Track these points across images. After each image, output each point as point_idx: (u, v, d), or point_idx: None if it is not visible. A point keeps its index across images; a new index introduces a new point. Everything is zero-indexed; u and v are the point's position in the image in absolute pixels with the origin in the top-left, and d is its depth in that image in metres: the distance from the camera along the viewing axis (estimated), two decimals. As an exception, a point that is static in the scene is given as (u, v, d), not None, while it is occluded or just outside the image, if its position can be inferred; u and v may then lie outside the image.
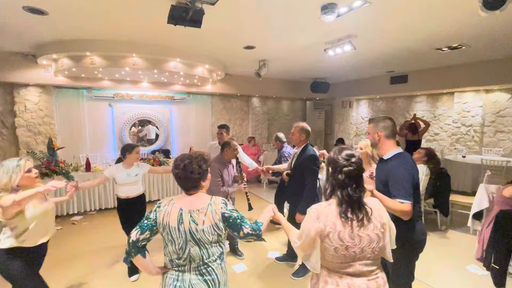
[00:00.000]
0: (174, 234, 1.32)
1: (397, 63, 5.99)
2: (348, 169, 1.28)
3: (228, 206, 1.41)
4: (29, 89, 5.45)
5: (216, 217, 1.35)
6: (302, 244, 1.31)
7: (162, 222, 1.34)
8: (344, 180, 1.28)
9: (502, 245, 2.52)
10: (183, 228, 1.31)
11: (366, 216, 1.26)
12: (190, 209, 1.35)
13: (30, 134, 5.51)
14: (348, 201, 1.26)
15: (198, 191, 1.44)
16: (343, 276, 1.27)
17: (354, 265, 1.26)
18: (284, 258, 3.27)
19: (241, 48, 4.72)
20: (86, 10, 3.19)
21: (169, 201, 1.40)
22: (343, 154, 1.32)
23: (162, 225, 1.34)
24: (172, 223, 1.32)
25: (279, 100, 9.32)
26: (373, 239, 1.25)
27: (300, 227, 1.38)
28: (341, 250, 1.23)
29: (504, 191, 2.63)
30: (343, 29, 3.81)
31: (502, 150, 6.19)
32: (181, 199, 1.41)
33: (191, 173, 1.39)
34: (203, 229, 1.32)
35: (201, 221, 1.33)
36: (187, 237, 1.31)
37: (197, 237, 1.32)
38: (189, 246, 1.32)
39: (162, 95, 6.92)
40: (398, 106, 8.26)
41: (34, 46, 4.58)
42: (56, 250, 3.45)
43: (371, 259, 1.27)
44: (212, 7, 2.95)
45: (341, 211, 1.26)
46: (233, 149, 3.09)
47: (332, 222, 1.25)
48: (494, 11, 2.45)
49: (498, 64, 5.43)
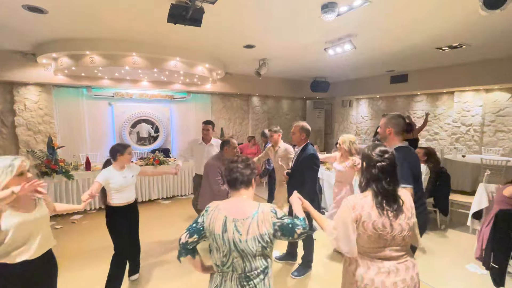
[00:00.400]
0: (219, 242, 1.29)
1: (397, 63, 5.99)
2: (381, 164, 1.39)
3: (278, 214, 1.33)
4: (28, 88, 5.44)
5: (263, 228, 1.27)
6: (337, 234, 1.39)
7: (208, 227, 1.33)
8: (378, 174, 1.38)
9: (501, 244, 2.52)
10: (227, 237, 1.27)
11: (399, 207, 1.37)
12: (234, 217, 1.30)
13: (29, 133, 5.51)
14: (382, 193, 1.36)
15: (249, 188, 1.42)
16: (373, 260, 1.39)
17: (385, 250, 1.37)
18: (284, 257, 3.27)
19: (241, 47, 4.72)
20: (85, 9, 3.18)
21: (215, 206, 1.38)
22: (376, 151, 1.43)
23: (209, 231, 1.33)
24: (216, 231, 1.29)
25: (279, 99, 9.31)
26: (404, 228, 1.36)
27: None
28: (374, 238, 1.35)
29: (504, 190, 2.63)
30: (343, 28, 3.81)
31: (502, 149, 6.19)
32: (227, 204, 1.37)
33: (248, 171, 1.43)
34: (247, 240, 1.25)
35: (245, 231, 1.26)
36: (231, 247, 1.27)
37: (241, 247, 1.26)
38: (232, 256, 1.28)
39: (162, 94, 6.92)
40: (398, 105, 8.26)
41: (34, 45, 4.57)
42: (55, 250, 3.45)
43: (401, 245, 1.38)
44: (212, 6, 2.94)
45: (377, 202, 1.36)
46: (232, 147, 3.09)
47: (368, 212, 1.35)
48: (494, 11, 2.45)
49: (498, 63, 5.43)
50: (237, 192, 1.41)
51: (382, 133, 2.24)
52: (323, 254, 3.40)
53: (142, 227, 2.96)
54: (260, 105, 8.64)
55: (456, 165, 5.80)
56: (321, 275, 2.97)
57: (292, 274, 2.96)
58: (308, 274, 2.98)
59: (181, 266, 2.39)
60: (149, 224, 4.22)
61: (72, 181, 4.65)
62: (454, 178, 5.44)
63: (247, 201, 1.37)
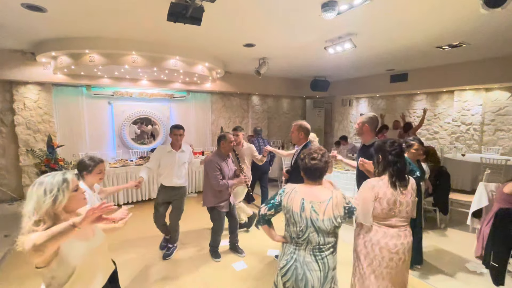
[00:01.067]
0: (297, 218, 1.54)
1: (397, 61, 5.98)
2: (396, 151, 1.83)
3: (346, 199, 1.62)
4: (28, 87, 5.43)
5: (336, 211, 1.54)
6: (358, 208, 1.78)
7: (286, 205, 1.58)
8: (394, 159, 1.82)
9: (501, 243, 2.53)
10: (304, 215, 1.52)
11: (407, 183, 1.82)
12: (312, 200, 1.54)
13: (29, 132, 5.50)
14: (397, 173, 1.80)
15: (322, 178, 1.65)
16: (381, 226, 1.84)
17: (391, 220, 1.82)
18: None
19: (241, 46, 4.71)
20: (85, 8, 3.17)
21: (292, 189, 1.61)
22: (388, 143, 1.88)
23: (286, 208, 1.58)
24: (295, 209, 1.54)
25: (279, 98, 9.30)
26: (409, 203, 1.82)
27: None
28: (386, 210, 1.80)
29: (504, 187, 2.64)
30: (343, 27, 3.80)
31: (502, 148, 6.20)
32: (304, 188, 1.60)
33: (326, 163, 1.61)
34: (323, 220, 1.51)
35: (321, 212, 1.52)
36: (308, 224, 1.52)
37: (317, 225, 1.51)
38: (309, 231, 1.52)
39: (162, 93, 6.90)
40: (398, 104, 8.26)
41: (33, 44, 4.56)
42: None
43: (404, 217, 1.83)
44: (211, 5, 2.94)
45: (392, 181, 1.80)
46: (229, 142, 3.10)
47: (384, 191, 1.79)
48: (495, 9, 2.44)
49: (499, 62, 5.42)
50: (313, 182, 1.63)
51: (359, 129, 2.62)
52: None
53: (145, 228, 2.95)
54: (260, 104, 8.63)
55: (456, 164, 5.80)
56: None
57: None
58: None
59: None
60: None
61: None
62: (454, 177, 5.44)
63: (321, 188, 1.62)
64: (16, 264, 3.14)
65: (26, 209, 1.17)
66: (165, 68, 4.89)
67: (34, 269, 1.20)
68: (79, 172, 2.09)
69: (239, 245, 3.44)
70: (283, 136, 9.08)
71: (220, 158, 3.08)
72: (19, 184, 5.60)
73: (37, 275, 1.27)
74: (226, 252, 3.42)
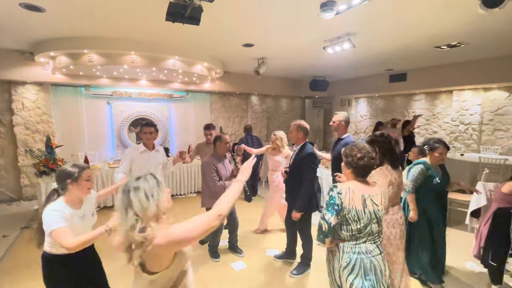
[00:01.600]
0: (361, 215, 1.62)
1: (396, 61, 5.99)
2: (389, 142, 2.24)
3: None
4: (26, 87, 5.42)
5: (384, 200, 1.74)
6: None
7: (347, 206, 1.62)
8: (392, 148, 2.22)
9: (499, 242, 2.53)
10: (368, 210, 1.63)
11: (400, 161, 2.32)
12: (369, 194, 1.67)
13: (28, 132, 5.49)
14: (395, 157, 2.24)
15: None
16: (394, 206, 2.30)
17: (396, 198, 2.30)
18: (283, 255, 3.28)
19: (240, 46, 4.71)
20: (83, 7, 3.16)
21: (347, 188, 1.65)
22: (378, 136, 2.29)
23: (348, 209, 1.62)
24: (358, 207, 1.62)
25: (278, 98, 9.30)
26: (400, 182, 2.29)
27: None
28: (394, 187, 2.22)
29: (503, 187, 2.64)
30: (342, 27, 3.80)
31: (500, 148, 6.21)
32: (358, 185, 1.68)
33: (374, 160, 1.71)
34: (382, 210, 1.69)
35: (379, 203, 1.68)
36: (371, 217, 1.63)
37: (379, 215, 1.67)
38: (371, 223, 1.64)
39: (161, 93, 6.90)
40: (397, 104, 8.27)
41: (32, 44, 4.55)
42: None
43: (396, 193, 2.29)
44: (210, 4, 2.93)
45: (393, 165, 2.24)
46: (224, 142, 3.09)
47: (393, 176, 2.21)
48: (493, 9, 2.45)
49: (497, 62, 5.43)
50: (362, 178, 1.73)
51: (335, 126, 3.07)
52: (322, 253, 3.40)
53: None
54: (259, 104, 8.63)
55: (454, 163, 5.81)
56: (320, 274, 2.97)
57: (291, 273, 2.96)
58: (307, 272, 2.99)
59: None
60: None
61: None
62: (453, 176, 5.40)
63: (368, 182, 1.74)
64: (14, 265, 3.13)
65: (128, 218, 1.08)
66: (164, 68, 4.89)
67: (33, 268, 1.22)
68: (59, 184, 1.68)
69: (238, 245, 3.44)
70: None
71: (216, 159, 3.08)
72: (17, 185, 5.59)
73: (35, 275, 1.26)
74: (225, 252, 3.42)
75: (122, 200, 1.11)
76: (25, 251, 3.41)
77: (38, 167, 4.40)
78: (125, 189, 1.13)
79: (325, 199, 1.70)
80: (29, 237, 3.84)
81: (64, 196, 1.66)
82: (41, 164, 4.42)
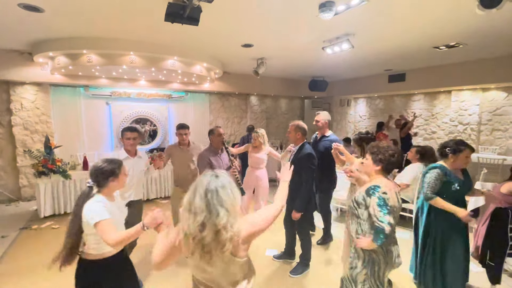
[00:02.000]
0: (398, 212, 1.70)
1: (395, 62, 6.00)
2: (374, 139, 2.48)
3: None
4: (25, 87, 5.41)
5: None
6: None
7: (396, 204, 1.67)
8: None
9: (497, 242, 2.54)
10: (399, 205, 1.71)
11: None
12: (396, 190, 1.72)
13: (26, 132, 5.48)
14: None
15: None
16: None
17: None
18: (282, 256, 3.28)
19: (239, 46, 4.71)
20: (82, 8, 3.16)
21: (385, 186, 1.67)
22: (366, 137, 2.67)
23: (396, 207, 1.67)
24: (396, 204, 1.67)
25: (277, 99, 9.31)
26: None
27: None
28: None
29: (501, 187, 2.65)
30: (341, 27, 3.81)
31: (499, 148, 6.23)
32: (389, 183, 1.72)
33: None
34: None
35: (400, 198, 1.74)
36: (399, 211, 1.74)
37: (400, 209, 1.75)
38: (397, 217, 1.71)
39: (160, 93, 6.90)
40: (396, 104, 8.29)
41: (30, 44, 4.54)
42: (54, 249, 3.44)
43: None
44: (209, 5, 2.94)
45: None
46: (217, 135, 3.14)
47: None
48: (490, 10, 2.46)
49: (495, 62, 5.45)
50: (388, 174, 1.79)
51: (320, 125, 3.43)
52: (321, 253, 3.41)
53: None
54: (259, 104, 8.63)
55: (453, 163, 5.83)
56: (319, 274, 2.98)
57: (290, 273, 2.96)
58: (306, 273, 2.99)
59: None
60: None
61: (70, 181, 4.63)
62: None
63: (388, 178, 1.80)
64: (13, 266, 3.12)
65: (220, 216, 1.12)
66: (163, 69, 4.89)
67: (32, 269, 1.22)
68: (99, 181, 1.65)
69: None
70: (281, 136, 9.08)
71: (211, 152, 3.11)
72: (16, 185, 5.57)
73: (33, 275, 1.27)
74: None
75: (211, 200, 1.12)
76: (24, 252, 3.40)
77: (37, 167, 4.40)
78: (210, 189, 1.14)
79: (372, 202, 1.63)
80: (27, 238, 3.84)
81: (102, 192, 1.67)
82: (40, 164, 4.41)
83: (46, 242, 3.65)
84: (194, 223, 1.11)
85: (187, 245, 1.15)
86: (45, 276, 2.83)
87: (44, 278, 2.81)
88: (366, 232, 1.67)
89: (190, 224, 1.12)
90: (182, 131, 3.27)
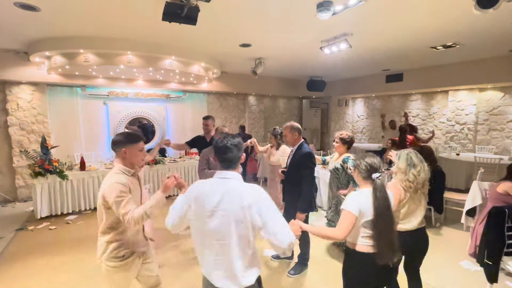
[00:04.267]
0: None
1: (393, 62, 6.03)
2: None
3: None
4: (21, 87, 5.36)
5: None
6: None
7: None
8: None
9: (495, 241, 2.55)
10: None
11: None
12: None
13: (23, 132, 5.43)
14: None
15: None
16: None
17: None
18: (280, 255, 3.27)
19: (237, 46, 4.70)
20: (78, 7, 3.14)
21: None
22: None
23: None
24: None
25: (276, 98, 9.31)
26: None
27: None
28: None
29: (498, 187, 2.66)
30: (339, 27, 3.82)
31: (495, 147, 6.27)
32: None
33: None
34: None
35: None
36: None
37: None
38: None
39: (158, 93, 6.87)
40: (394, 104, 8.33)
41: (27, 43, 4.51)
42: (50, 250, 3.42)
43: None
44: (207, 4, 2.93)
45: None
46: (219, 133, 3.16)
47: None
48: (487, 10, 2.47)
49: (492, 62, 5.49)
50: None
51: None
52: (320, 252, 3.41)
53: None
54: (257, 104, 8.63)
55: (450, 163, 5.86)
56: (317, 273, 2.98)
57: (288, 273, 2.96)
58: (304, 272, 2.99)
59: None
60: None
61: (67, 182, 4.60)
62: (449, 176, 5.48)
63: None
64: (12, 265, 3.09)
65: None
66: (161, 68, 4.87)
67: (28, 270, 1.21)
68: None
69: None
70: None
71: (211, 150, 3.10)
72: (12, 186, 5.53)
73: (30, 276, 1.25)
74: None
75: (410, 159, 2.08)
76: (20, 254, 3.37)
77: (33, 168, 4.36)
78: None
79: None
80: (23, 239, 3.80)
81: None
82: (37, 165, 4.37)
83: (42, 243, 3.62)
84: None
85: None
86: (41, 278, 2.81)
87: (41, 279, 2.79)
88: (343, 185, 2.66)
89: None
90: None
